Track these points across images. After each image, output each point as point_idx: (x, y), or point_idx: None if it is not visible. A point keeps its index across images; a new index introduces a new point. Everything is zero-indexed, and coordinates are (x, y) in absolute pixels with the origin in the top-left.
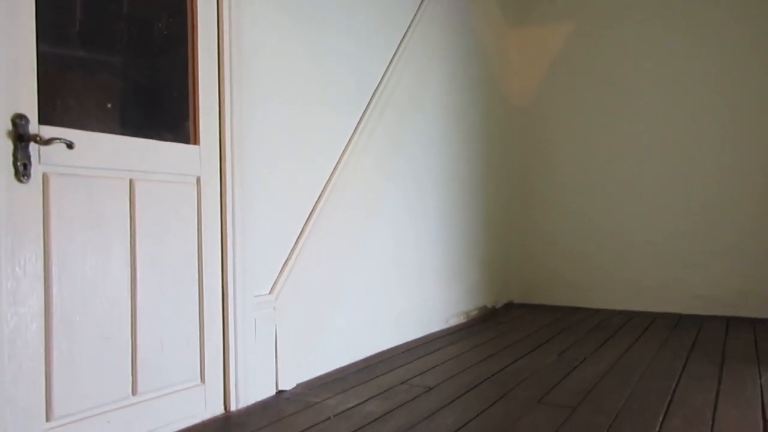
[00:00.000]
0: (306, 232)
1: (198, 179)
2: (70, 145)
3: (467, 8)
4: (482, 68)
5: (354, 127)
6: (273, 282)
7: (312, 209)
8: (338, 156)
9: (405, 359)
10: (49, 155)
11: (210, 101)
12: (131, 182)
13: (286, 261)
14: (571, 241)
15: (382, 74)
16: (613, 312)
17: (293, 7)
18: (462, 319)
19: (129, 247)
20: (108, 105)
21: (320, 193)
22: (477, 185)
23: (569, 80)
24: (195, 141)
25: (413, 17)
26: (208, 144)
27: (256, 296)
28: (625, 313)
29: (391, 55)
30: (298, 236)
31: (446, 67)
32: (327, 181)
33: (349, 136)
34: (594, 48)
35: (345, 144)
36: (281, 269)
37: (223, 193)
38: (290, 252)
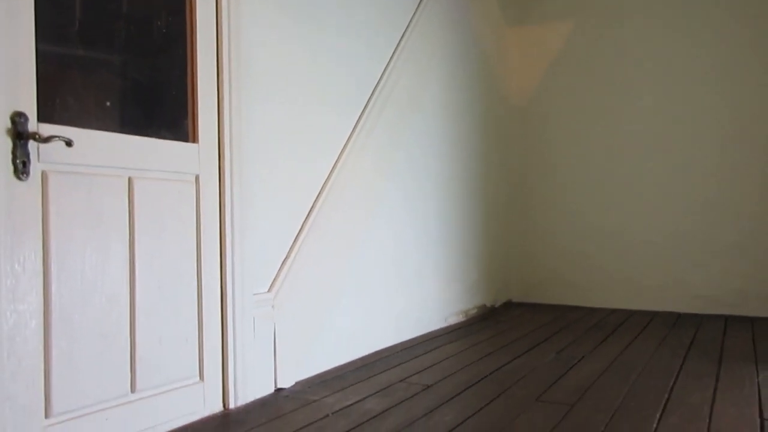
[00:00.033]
0: (305, 231)
1: (197, 177)
2: (69, 143)
3: (467, 7)
4: (482, 67)
5: (353, 126)
6: (272, 280)
7: (311, 208)
8: (337, 155)
9: (404, 357)
10: (48, 153)
11: (209, 100)
12: (130, 180)
13: (285, 259)
14: (571, 241)
15: (381, 73)
16: (612, 311)
17: (293, 7)
18: (461, 318)
19: (128, 245)
20: (107, 103)
21: (319, 192)
22: (476, 184)
23: (569, 80)
24: (194, 139)
25: (412, 16)
26: (207, 142)
27: (255, 294)
28: (624, 312)
29: (391, 55)
30: (297, 235)
31: (445, 67)
32: (326, 180)
33: (348, 135)
34: (594, 47)
35: (344, 143)
36: (280, 268)
37: (222, 192)
38: (289, 250)
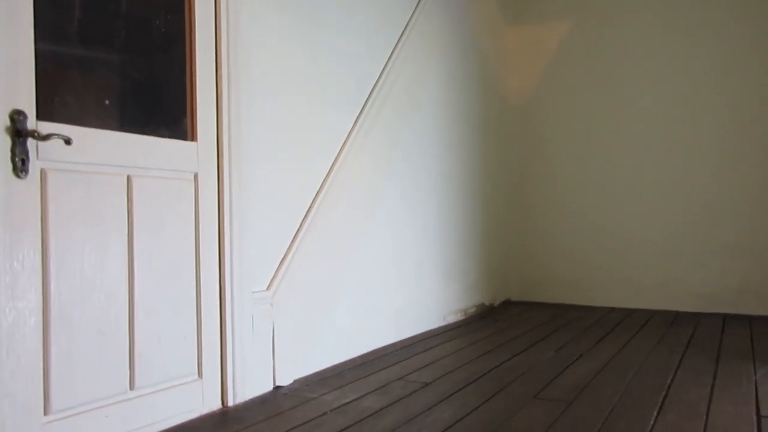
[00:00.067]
0: (303, 230)
1: (195, 176)
2: (68, 141)
3: (465, 6)
4: (480, 67)
5: (352, 126)
6: (270, 279)
7: (309, 207)
8: (336, 154)
9: (402, 355)
10: (47, 151)
11: (207, 98)
12: (129, 178)
13: (284, 258)
14: (570, 239)
15: (380, 73)
16: (611, 309)
17: (292, 7)
18: (460, 317)
19: (127, 243)
20: (106, 102)
21: (318, 191)
22: (475, 183)
23: (568, 79)
24: (192, 138)
25: (411, 16)
26: (206, 141)
27: (254, 292)
28: (623, 311)
29: (389, 54)
30: (296, 233)
31: (444, 66)
32: (324, 179)
33: (347, 135)
34: (592, 46)
35: (343, 142)
36: (278, 266)
37: (221, 190)
38: (288, 249)
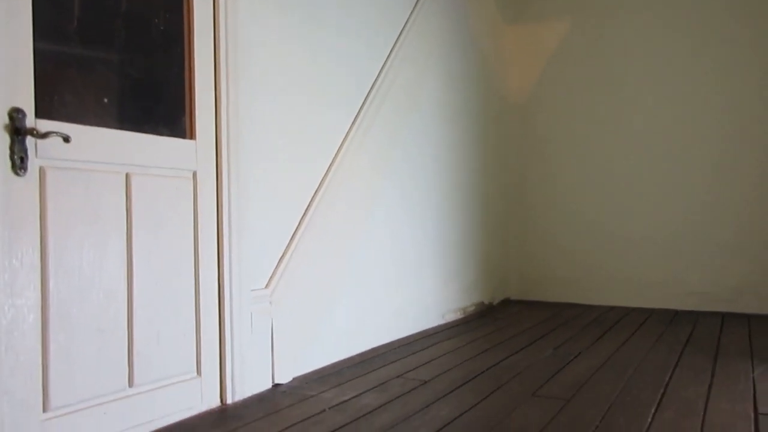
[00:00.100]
0: (302, 228)
1: (194, 174)
2: (67, 139)
3: (464, 6)
4: (479, 65)
5: (350, 125)
6: (269, 277)
7: (308, 205)
8: (334, 153)
9: (401, 354)
10: (46, 149)
11: (206, 97)
12: (128, 176)
13: (283, 256)
14: (569, 239)
15: (379, 72)
16: (610, 308)
17: (292, 6)
18: (459, 316)
19: (125, 241)
20: (105, 100)
21: (316, 190)
22: (474, 182)
23: (567, 78)
24: (191, 136)
25: (410, 15)
26: (205, 139)
27: (253, 290)
28: (622, 309)
29: (388, 53)
30: (295, 232)
31: (443, 65)
32: (323, 178)
33: (346, 134)
34: (591, 45)
35: (341, 141)
36: (277, 264)
37: (219, 188)
38: (286, 247)
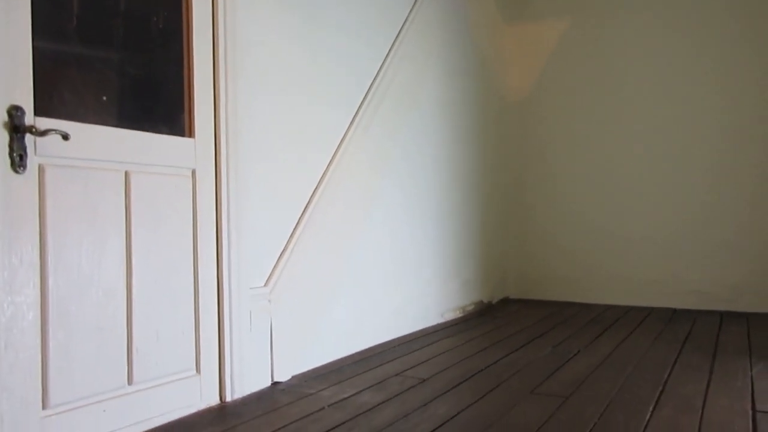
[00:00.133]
0: (301, 226)
1: (193, 172)
2: (66, 137)
3: (464, 5)
4: (479, 64)
5: (349, 123)
6: (268, 275)
7: (307, 203)
8: (333, 151)
9: (400, 352)
10: (45, 146)
11: (205, 95)
12: (127, 174)
13: (282, 254)
14: (568, 237)
15: (378, 70)
16: (609, 307)
17: (291, 5)
18: (458, 314)
19: (124, 239)
20: (104, 98)
21: (315, 188)
22: (473, 181)
23: (566, 77)
24: (190, 134)
25: (409, 13)
26: (204, 137)
27: (252, 288)
28: (621, 308)
29: (387, 52)
30: (294, 230)
31: (442, 64)
32: (322, 176)
33: (345, 132)
34: (590, 45)
35: (340, 139)
36: (276, 262)
37: (218, 186)
38: (285, 245)
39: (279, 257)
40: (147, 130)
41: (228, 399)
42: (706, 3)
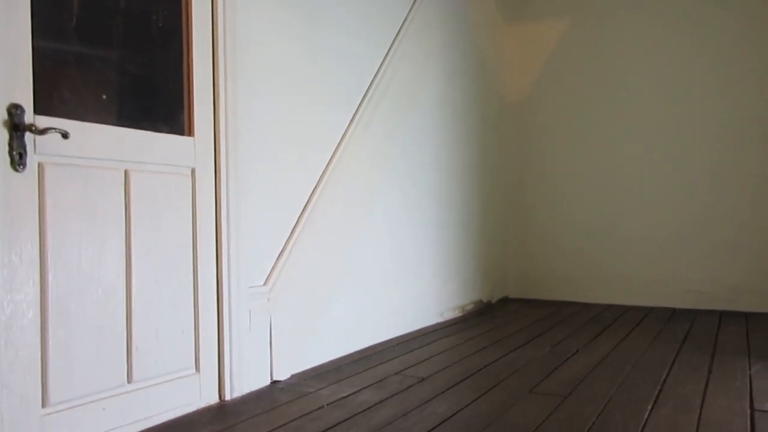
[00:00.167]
0: (301, 225)
1: (193, 170)
2: (65, 135)
3: (464, 4)
4: (479, 64)
5: (349, 122)
6: (268, 274)
7: (307, 202)
8: (333, 150)
9: (399, 351)
10: (45, 145)
11: (205, 94)
12: (126, 173)
13: (281, 253)
14: (567, 237)
15: (378, 69)
16: (608, 306)
17: (291, 4)
18: (457, 313)
19: (124, 238)
20: (103, 96)
21: (315, 187)
22: (473, 181)
23: (565, 77)
24: (190, 133)
25: (408, 13)
26: (203, 136)
27: (251, 287)
28: (620, 308)
29: (387, 51)
30: (293, 229)
31: (442, 63)
32: (322, 175)
33: (344, 131)
34: (590, 44)
35: (340, 138)
36: (276, 261)
37: (218, 185)
38: (285, 244)
39: (278, 256)
40: (147, 129)
41: (227, 398)
42: (706, 3)
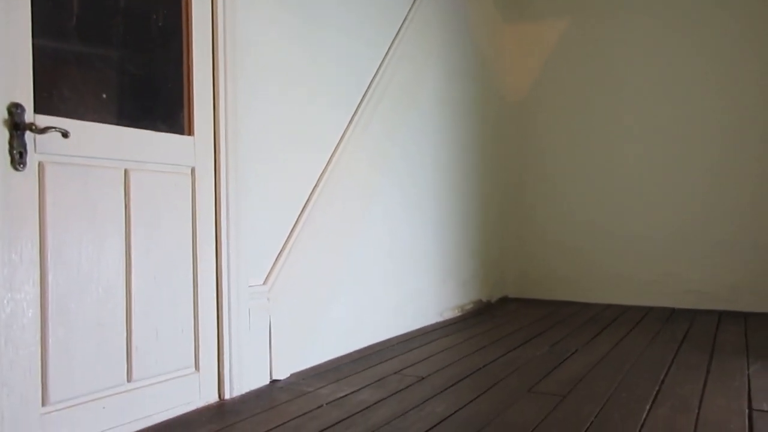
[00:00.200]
0: (300, 224)
1: (192, 170)
2: (65, 134)
3: (463, 4)
4: (478, 64)
5: (348, 121)
6: (267, 273)
7: (306, 202)
8: (332, 150)
9: (399, 350)
10: (45, 144)
11: (204, 93)
12: (126, 172)
13: (281, 252)
14: (567, 237)
15: (377, 69)
16: (607, 306)
17: (291, 4)
18: (456, 313)
19: (124, 236)
20: (103, 96)
21: (314, 186)
22: (472, 180)
23: (565, 77)
24: (189, 132)
25: (408, 12)
26: (203, 135)
27: (251, 287)
28: (619, 307)
29: (386, 51)
30: (293, 228)
31: (442, 63)
32: (321, 174)
33: (344, 130)
34: (590, 44)
35: (339, 138)
36: (275, 260)
37: (218, 184)
38: (284, 244)
39: (278, 255)
40: (146, 128)
41: (227, 397)
42: (706, 3)
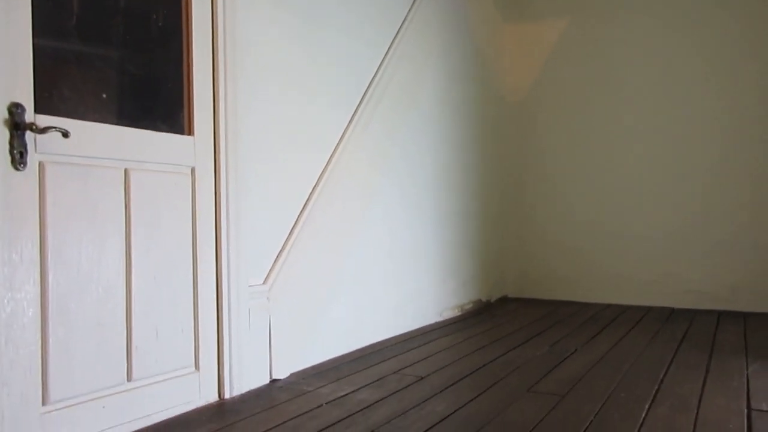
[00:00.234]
0: (300, 224)
1: (192, 170)
2: (66, 134)
3: (463, 5)
4: (478, 64)
5: (348, 121)
6: (267, 272)
7: (306, 201)
8: (332, 150)
9: (398, 350)
10: (45, 144)
11: (204, 93)
12: (126, 172)
13: (280, 252)
14: (566, 237)
15: (377, 69)
16: (607, 306)
17: (291, 4)
18: (456, 313)
19: (124, 236)
20: (103, 95)
21: (314, 186)
22: (472, 180)
23: (565, 77)
24: (190, 132)
25: (408, 13)
26: (203, 135)
27: (250, 286)
28: (619, 307)
29: (386, 51)
30: (292, 228)
31: (442, 63)
32: (321, 174)
33: (344, 130)
34: (589, 44)
35: (339, 138)
36: (275, 260)
37: (218, 184)
38: (284, 243)
39: (278, 255)
40: (147, 128)
41: (227, 396)
42: (706, 3)
